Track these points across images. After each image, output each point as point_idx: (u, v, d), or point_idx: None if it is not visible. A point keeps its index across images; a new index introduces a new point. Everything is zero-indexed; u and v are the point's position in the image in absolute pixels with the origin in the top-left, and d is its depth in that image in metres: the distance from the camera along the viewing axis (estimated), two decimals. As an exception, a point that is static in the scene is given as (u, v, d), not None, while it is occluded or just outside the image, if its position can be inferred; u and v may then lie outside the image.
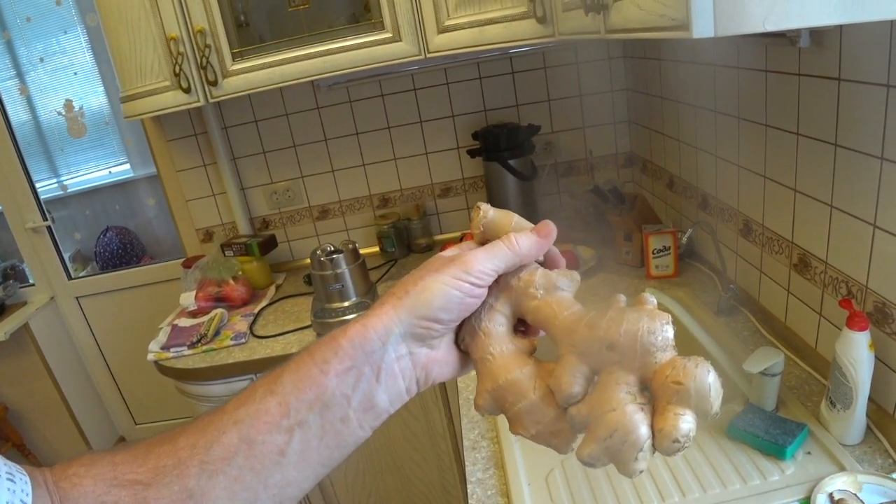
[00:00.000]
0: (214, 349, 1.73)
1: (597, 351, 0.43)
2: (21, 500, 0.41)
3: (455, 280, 0.44)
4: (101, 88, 2.98)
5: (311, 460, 0.44)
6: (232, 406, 0.44)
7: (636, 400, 0.41)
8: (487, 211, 0.50)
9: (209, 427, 0.44)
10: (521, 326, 0.51)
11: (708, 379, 0.39)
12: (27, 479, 0.43)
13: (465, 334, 0.49)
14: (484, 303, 0.48)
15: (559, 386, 0.44)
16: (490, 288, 0.47)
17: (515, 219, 0.50)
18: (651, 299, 0.45)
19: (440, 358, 0.47)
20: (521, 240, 0.47)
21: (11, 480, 0.42)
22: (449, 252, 0.48)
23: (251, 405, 0.43)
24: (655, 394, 0.42)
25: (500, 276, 0.48)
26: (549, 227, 0.48)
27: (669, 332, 0.42)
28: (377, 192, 2.22)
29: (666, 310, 1.37)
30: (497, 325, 0.48)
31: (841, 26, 0.93)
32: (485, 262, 0.45)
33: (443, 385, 1.71)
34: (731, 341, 1.33)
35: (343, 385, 0.43)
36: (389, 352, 0.44)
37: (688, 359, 0.41)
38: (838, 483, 0.90)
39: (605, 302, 0.46)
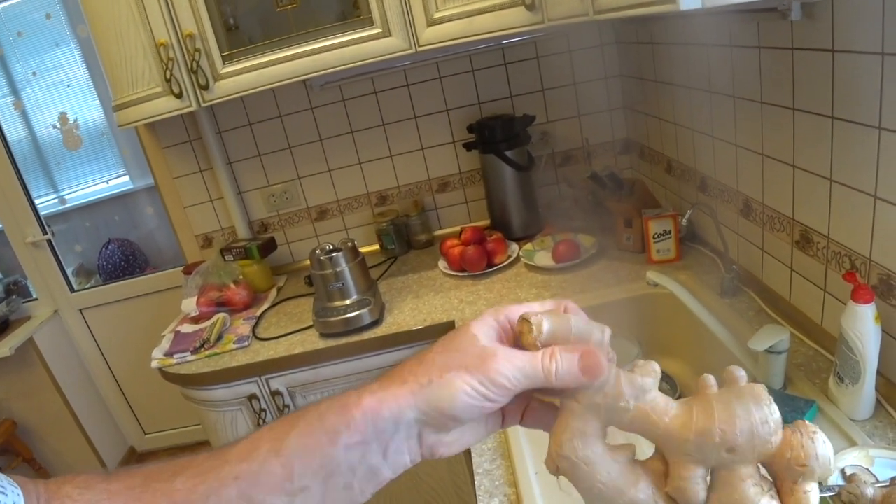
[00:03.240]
0: (218, 353, 1.72)
1: (715, 456, 0.42)
2: None
3: (480, 387, 0.41)
4: (97, 101, 2.99)
5: None
6: (235, 457, 0.43)
7: (763, 490, 0.41)
8: (541, 325, 0.44)
9: (209, 474, 0.43)
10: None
11: (826, 452, 0.40)
12: (19, 492, 0.43)
13: (559, 463, 0.45)
14: (568, 427, 0.44)
15: (686, 497, 0.43)
16: (567, 410, 0.44)
17: (573, 324, 0.45)
18: (741, 374, 0.45)
19: (449, 440, 0.46)
20: (560, 368, 0.42)
21: (3, 493, 0.42)
22: (486, 336, 0.44)
23: (254, 462, 0.43)
24: (779, 475, 0.42)
25: (573, 395, 0.44)
26: (595, 364, 0.42)
27: (776, 411, 0.41)
28: (375, 189, 2.21)
29: (668, 293, 1.36)
30: (595, 451, 0.44)
31: (832, -4, 0.92)
32: (513, 380, 0.42)
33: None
34: (736, 322, 1.32)
35: (350, 457, 0.43)
36: (400, 432, 0.43)
37: (800, 432, 0.41)
38: (849, 458, 0.89)
39: (700, 393, 0.45)
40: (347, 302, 1.68)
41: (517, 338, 0.45)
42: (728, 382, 0.45)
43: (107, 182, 3.28)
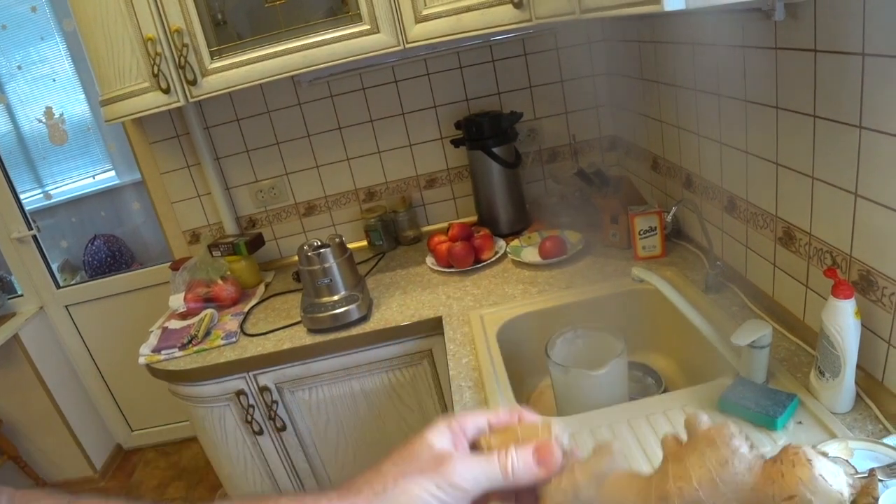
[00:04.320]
0: (206, 349, 1.72)
1: None
2: None
3: (438, 490, 0.42)
4: (82, 95, 2.97)
5: None
6: None
7: None
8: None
9: None
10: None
11: (820, 471, 0.38)
12: None
13: None
14: None
15: None
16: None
17: (527, 423, 0.46)
18: (702, 420, 0.44)
19: None
20: (517, 464, 0.43)
21: None
22: (440, 441, 0.45)
23: None
24: None
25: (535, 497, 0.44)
26: (551, 456, 0.44)
27: (743, 445, 0.41)
28: (363, 185, 2.21)
29: (654, 289, 1.37)
30: None
31: (814, -4, 0.94)
32: (470, 482, 0.43)
33: (436, 376, 1.71)
34: (719, 317, 1.33)
35: None
36: None
37: (780, 461, 0.39)
38: (830, 450, 0.90)
39: (665, 452, 0.44)
40: (335, 298, 1.69)
41: (472, 444, 0.46)
42: (689, 433, 0.44)
43: (93, 177, 3.25)
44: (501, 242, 1.96)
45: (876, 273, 0.96)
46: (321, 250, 1.68)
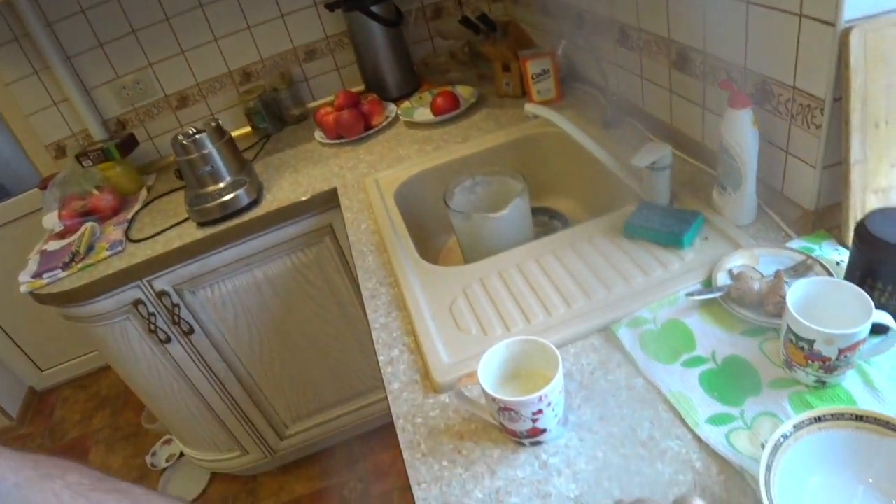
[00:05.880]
0: (91, 264, 1.59)
1: None
2: None
3: None
4: None
5: None
6: None
7: None
8: None
9: None
10: None
11: None
12: None
13: None
14: None
15: None
16: None
17: None
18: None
19: None
20: None
21: None
22: None
23: None
24: None
25: None
26: None
27: None
28: (237, 66, 2.02)
29: (551, 131, 1.32)
30: None
31: None
32: None
33: (341, 251, 1.64)
34: (620, 150, 1.30)
35: None
36: None
37: None
38: (736, 259, 0.92)
39: None
40: (221, 185, 1.57)
41: None
42: None
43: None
44: (392, 106, 1.86)
45: (771, 81, 0.94)
46: (197, 136, 1.55)
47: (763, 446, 0.66)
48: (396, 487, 1.98)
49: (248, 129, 2.03)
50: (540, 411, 0.70)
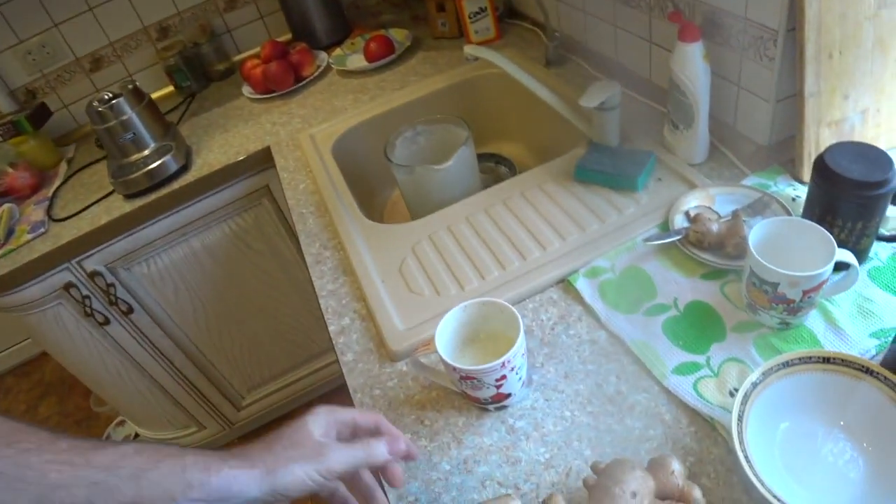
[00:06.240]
0: (12, 249, 1.47)
1: None
2: None
3: (316, 474, 0.55)
4: None
5: None
6: (98, 463, 0.51)
7: None
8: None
9: (66, 467, 0.50)
10: None
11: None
12: None
13: None
14: None
15: None
16: None
17: None
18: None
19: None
20: (374, 451, 0.59)
21: None
22: (318, 430, 0.58)
23: (113, 477, 0.49)
24: None
25: None
26: (397, 444, 0.61)
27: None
28: (151, 21, 1.86)
29: (493, 73, 1.26)
30: None
31: None
32: (341, 465, 0.56)
33: (280, 212, 1.57)
34: (565, 90, 1.25)
35: None
36: (241, 501, 0.52)
37: None
38: (692, 200, 0.90)
39: None
40: (146, 153, 1.46)
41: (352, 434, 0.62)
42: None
43: None
44: (323, 55, 1.76)
45: (721, 12, 0.89)
46: (113, 102, 1.42)
47: (731, 394, 0.65)
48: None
49: (170, 88, 1.89)
50: (504, 377, 0.67)
